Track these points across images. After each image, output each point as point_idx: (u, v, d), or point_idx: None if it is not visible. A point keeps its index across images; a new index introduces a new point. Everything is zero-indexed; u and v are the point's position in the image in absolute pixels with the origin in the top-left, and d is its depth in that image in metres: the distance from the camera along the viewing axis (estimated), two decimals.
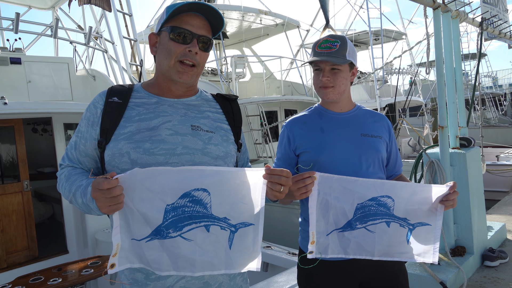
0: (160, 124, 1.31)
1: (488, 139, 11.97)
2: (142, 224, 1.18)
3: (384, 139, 1.79)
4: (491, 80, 26.07)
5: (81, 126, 1.36)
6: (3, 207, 5.13)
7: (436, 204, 1.58)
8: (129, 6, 6.77)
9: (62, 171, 1.36)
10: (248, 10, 11.52)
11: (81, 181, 1.25)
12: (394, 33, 16.89)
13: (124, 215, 1.17)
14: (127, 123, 1.30)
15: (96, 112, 1.33)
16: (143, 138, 1.27)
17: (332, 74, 1.70)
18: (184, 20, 1.32)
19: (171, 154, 1.28)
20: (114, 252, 1.16)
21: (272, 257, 4.00)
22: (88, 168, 1.36)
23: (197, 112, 1.40)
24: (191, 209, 1.20)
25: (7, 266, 5.06)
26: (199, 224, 1.21)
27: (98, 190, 1.10)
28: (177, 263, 1.21)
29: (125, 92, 1.37)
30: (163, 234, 1.19)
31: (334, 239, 1.56)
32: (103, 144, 1.29)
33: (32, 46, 7.92)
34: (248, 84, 13.58)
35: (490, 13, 4.89)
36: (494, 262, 3.73)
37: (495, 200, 6.77)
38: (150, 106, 1.35)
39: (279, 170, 1.24)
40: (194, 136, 1.33)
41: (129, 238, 1.18)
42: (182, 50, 1.31)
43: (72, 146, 1.37)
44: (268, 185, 1.24)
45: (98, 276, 3.97)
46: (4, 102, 4.40)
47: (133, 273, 1.29)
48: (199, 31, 1.33)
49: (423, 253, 1.62)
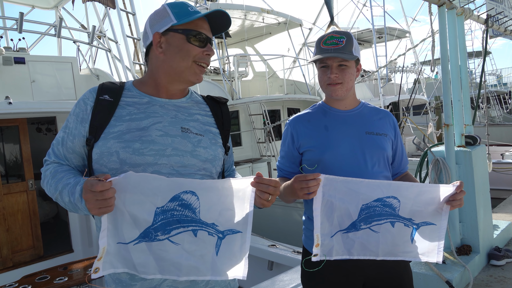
0: (151, 124, 1.31)
1: (493, 137, 11.91)
2: (131, 227, 1.18)
3: (389, 137, 1.77)
4: (496, 78, 25.93)
5: (69, 122, 1.34)
6: (8, 207, 5.15)
7: (442, 204, 1.56)
8: (132, 5, 6.78)
9: (48, 167, 1.33)
10: (251, 9, 11.52)
11: (68, 179, 1.23)
12: (398, 31, 16.82)
13: (113, 218, 1.17)
14: (117, 122, 1.29)
15: (86, 108, 1.32)
16: (133, 138, 1.27)
17: (339, 70, 1.68)
18: (198, 24, 1.35)
19: (160, 155, 1.28)
20: (99, 255, 1.16)
21: (276, 255, 3.99)
22: (74, 165, 1.34)
23: (187, 114, 1.40)
24: (180, 213, 1.20)
25: (13, 265, 5.08)
26: (187, 229, 1.21)
27: (90, 191, 1.09)
28: (163, 267, 1.21)
29: (116, 90, 1.36)
30: (151, 237, 1.19)
31: (338, 241, 1.55)
32: (92, 142, 1.27)
33: (35, 45, 7.95)
34: (251, 83, 13.58)
35: (495, 10, 4.86)
36: (501, 261, 3.71)
37: (500, 199, 6.73)
38: (141, 106, 1.35)
39: (268, 180, 1.23)
40: (183, 138, 1.33)
41: (115, 242, 1.18)
42: (200, 53, 1.34)
43: (59, 142, 1.34)
44: (257, 193, 1.24)
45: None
46: (8, 102, 4.41)
47: (118, 274, 1.29)
48: (209, 34, 1.38)
49: (427, 252, 1.60)
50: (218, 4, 12.02)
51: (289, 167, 1.82)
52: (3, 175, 5.37)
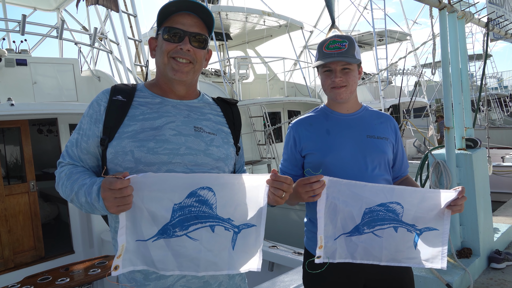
0: (164, 124, 1.33)
1: (493, 140, 11.90)
2: (149, 224, 1.19)
3: (390, 141, 1.79)
4: (497, 81, 25.95)
5: (82, 124, 1.36)
6: (10, 208, 5.15)
7: (444, 209, 1.57)
8: (133, 7, 6.80)
9: (62, 169, 1.34)
10: (252, 12, 11.54)
11: (84, 180, 1.24)
12: (399, 34, 16.87)
13: (131, 216, 1.18)
14: (131, 121, 1.31)
15: (100, 109, 1.34)
16: (147, 137, 1.29)
17: (343, 74, 1.70)
18: (175, 20, 1.36)
19: (174, 154, 1.30)
20: (118, 253, 1.17)
21: (277, 256, 4.00)
22: (89, 166, 1.35)
23: (199, 114, 1.43)
24: (198, 209, 1.22)
25: (14, 266, 5.08)
26: (205, 224, 1.24)
27: (109, 189, 1.10)
28: (182, 263, 1.23)
29: (129, 91, 1.39)
30: (170, 233, 1.20)
31: (341, 244, 1.56)
32: (106, 142, 1.29)
33: (37, 47, 7.97)
34: (252, 85, 13.59)
35: (496, 13, 4.87)
36: (501, 264, 3.71)
37: (501, 202, 6.73)
38: (154, 106, 1.37)
39: (284, 177, 1.26)
40: (197, 137, 1.35)
41: (134, 239, 1.19)
42: (174, 48, 1.35)
43: (73, 143, 1.35)
44: (271, 189, 1.27)
45: (105, 276, 3.98)
46: (11, 103, 4.42)
47: (132, 273, 1.30)
48: (190, 28, 1.36)
49: (431, 258, 1.60)
50: (219, 6, 12.04)
51: (292, 170, 1.83)
52: (5, 177, 5.37)
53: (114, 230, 1.33)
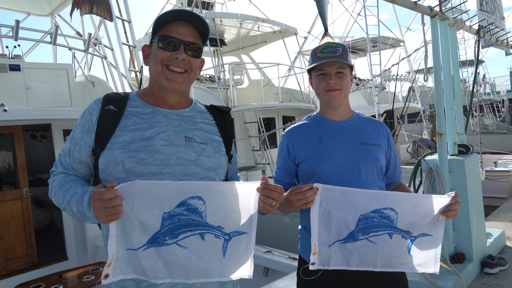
0: (155, 134, 1.33)
1: (486, 145, 12.02)
2: (139, 233, 1.20)
3: (383, 147, 1.80)
4: (489, 86, 26.20)
5: (75, 133, 1.37)
6: (2, 214, 5.11)
7: (438, 215, 1.58)
8: (128, 13, 6.80)
9: (55, 178, 1.35)
10: (246, 18, 11.60)
11: (76, 189, 1.25)
12: (392, 40, 17.01)
13: (122, 225, 1.19)
14: (122, 132, 1.32)
15: (92, 119, 1.34)
16: (138, 148, 1.29)
17: (337, 77, 1.73)
18: (171, 29, 1.37)
19: (165, 164, 1.30)
20: (109, 262, 1.18)
21: (272, 262, 4.00)
22: (82, 175, 1.36)
23: (191, 123, 1.43)
24: (187, 217, 1.23)
25: (6, 274, 5.03)
26: (194, 232, 1.24)
27: (99, 200, 1.11)
28: (172, 271, 1.23)
29: (120, 100, 1.39)
30: (160, 242, 1.21)
31: (336, 251, 1.56)
32: (98, 151, 1.30)
33: (30, 52, 7.94)
34: (246, 91, 13.62)
35: (487, 20, 4.94)
36: (494, 269, 3.73)
37: (493, 207, 6.77)
38: (145, 116, 1.37)
39: (274, 186, 1.27)
40: (187, 147, 1.36)
41: (124, 248, 1.20)
42: (169, 56, 1.36)
43: (66, 152, 1.36)
44: (261, 198, 1.28)
45: (99, 283, 3.96)
46: (4, 109, 4.40)
47: (123, 281, 1.30)
48: (185, 38, 1.38)
49: (424, 263, 1.61)
50: (214, 12, 12.08)
51: (286, 178, 1.84)
52: None
53: (106, 238, 1.33)
